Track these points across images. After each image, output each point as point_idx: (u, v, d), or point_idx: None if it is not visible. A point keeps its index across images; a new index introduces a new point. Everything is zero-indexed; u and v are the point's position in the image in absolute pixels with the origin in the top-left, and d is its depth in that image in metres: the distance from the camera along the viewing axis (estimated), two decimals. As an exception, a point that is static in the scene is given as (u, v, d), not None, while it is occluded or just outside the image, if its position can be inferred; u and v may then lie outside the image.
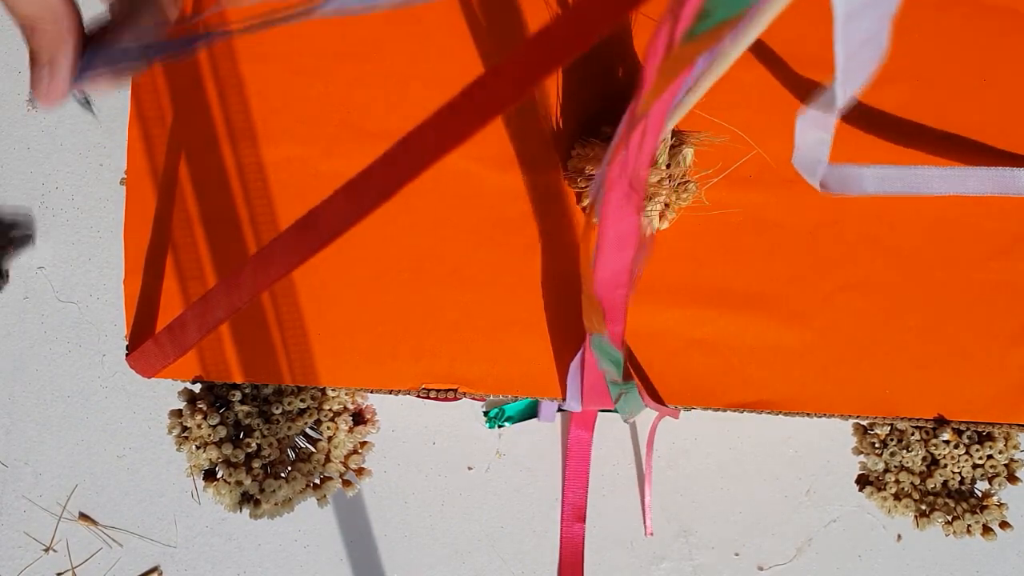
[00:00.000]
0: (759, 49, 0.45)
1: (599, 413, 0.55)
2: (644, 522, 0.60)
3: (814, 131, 0.34)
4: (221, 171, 0.44)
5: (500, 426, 0.60)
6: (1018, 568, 0.60)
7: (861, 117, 0.45)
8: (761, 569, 0.60)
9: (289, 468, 0.46)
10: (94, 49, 0.35)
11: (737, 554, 0.60)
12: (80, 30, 0.35)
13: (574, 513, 0.52)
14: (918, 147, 0.45)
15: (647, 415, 0.55)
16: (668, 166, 0.42)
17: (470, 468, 0.60)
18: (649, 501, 0.59)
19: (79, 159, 0.59)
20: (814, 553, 0.60)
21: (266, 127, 0.44)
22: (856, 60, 0.25)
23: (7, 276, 0.61)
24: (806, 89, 0.45)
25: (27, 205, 0.59)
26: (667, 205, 0.42)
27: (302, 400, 0.45)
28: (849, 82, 0.26)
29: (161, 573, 0.59)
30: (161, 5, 0.34)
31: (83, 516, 0.59)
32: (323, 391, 0.46)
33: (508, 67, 0.20)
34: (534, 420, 0.60)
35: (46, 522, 0.59)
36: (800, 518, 0.60)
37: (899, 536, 0.60)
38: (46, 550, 0.59)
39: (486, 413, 0.60)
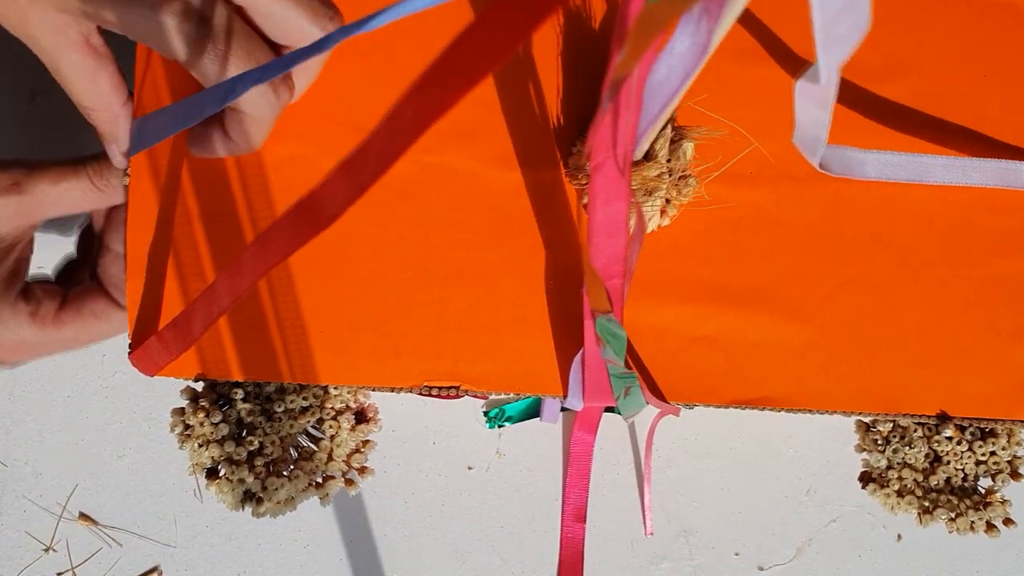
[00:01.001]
0: (761, 45, 0.45)
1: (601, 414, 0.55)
2: (644, 522, 0.60)
3: (812, 108, 0.34)
4: (223, 170, 0.44)
5: (500, 426, 0.60)
6: (1018, 568, 0.60)
7: (866, 108, 0.45)
8: (761, 569, 0.60)
9: (291, 466, 0.46)
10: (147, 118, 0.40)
11: (737, 554, 0.60)
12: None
13: (575, 513, 0.52)
14: (922, 139, 0.45)
15: (647, 414, 0.55)
16: (668, 160, 0.42)
17: (470, 468, 0.60)
18: (649, 501, 0.59)
19: (79, 159, 0.59)
20: (814, 553, 0.60)
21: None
22: (835, 28, 0.24)
23: None
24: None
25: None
26: (668, 201, 0.43)
27: (304, 398, 0.45)
28: (831, 52, 0.26)
29: (161, 573, 0.59)
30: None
31: (83, 516, 0.59)
32: (325, 389, 0.46)
33: (489, 21, 0.20)
34: (534, 420, 0.60)
35: (46, 522, 0.59)
36: (800, 518, 0.60)
37: (899, 536, 0.60)
38: (46, 550, 0.59)
39: (486, 413, 0.60)
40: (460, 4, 0.44)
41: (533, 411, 0.60)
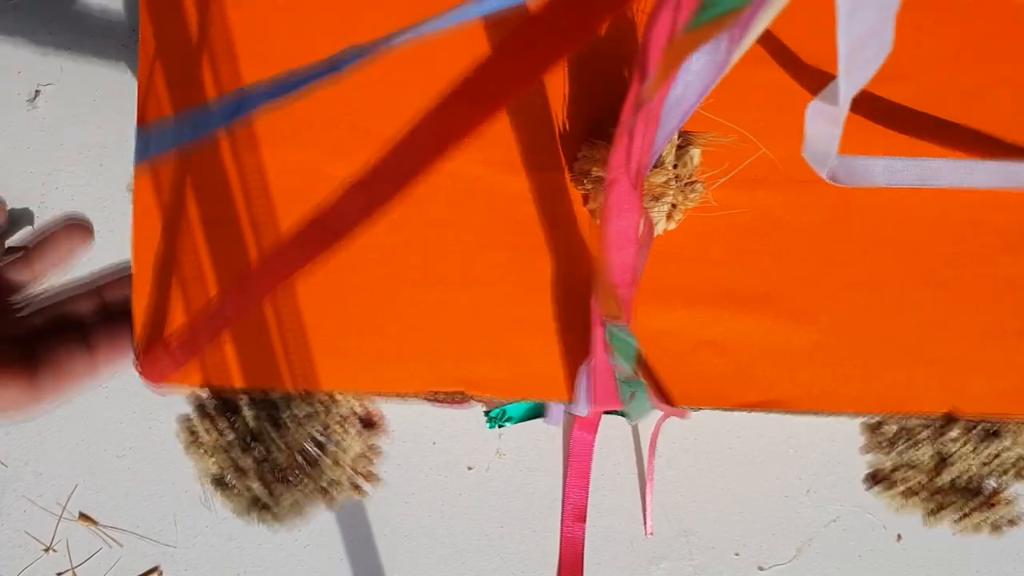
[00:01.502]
0: (766, 48, 0.45)
1: (601, 414, 0.55)
2: (644, 522, 0.60)
3: (824, 124, 0.34)
4: (227, 177, 0.44)
5: (500, 426, 0.60)
6: (1019, 569, 0.61)
7: (870, 111, 0.45)
8: (761, 569, 0.60)
9: (298, 473, 0.46)
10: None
11: (737, 554, 0.60)
12: None
13: (575, 513, 0.52)
14: (927, 141, 0.45)
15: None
16: (675, 166, 0.42)
17: (470, 468, 0.60)
18: (650, 501, 0.59)
19: (79, 159, 0.59)
20: (814, 553, 0.60)
21: (272, 131, 0.44)
22: (859, 55, 0.25)
23: None
24: (813, 89, 0.45)
25: (27, 205, 0.59)
26: (674, 206, 0.43)
27: (310, 405, 0.45)
28: (852, 77, 0.26)
29: (161, 573, 0.59)
30: None
31: (83, 516, 0.59)
32: (331, 395, 0.46)
33: (510, 53, 0.20)
34: (534, 420, 0.60)
35: (46, 522, 0.59)
36: (800, 518, 0.60)
37: (899, 536, 0.60)
38: (46, 550, 0.59)
39: (487, 413, 0.60)
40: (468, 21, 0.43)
41: (534, 412, 0.60)
